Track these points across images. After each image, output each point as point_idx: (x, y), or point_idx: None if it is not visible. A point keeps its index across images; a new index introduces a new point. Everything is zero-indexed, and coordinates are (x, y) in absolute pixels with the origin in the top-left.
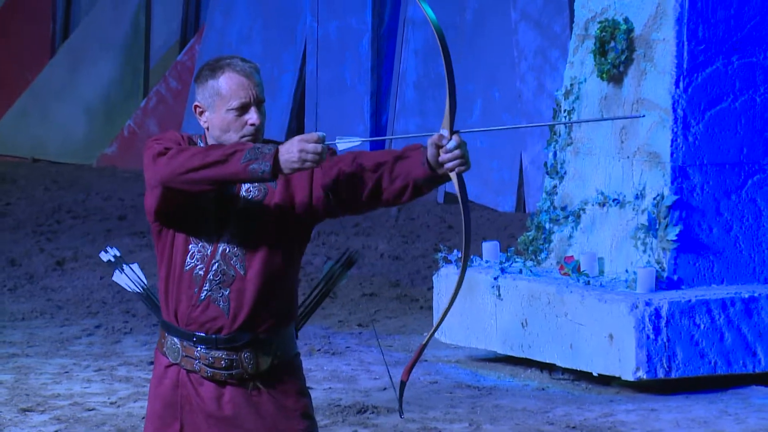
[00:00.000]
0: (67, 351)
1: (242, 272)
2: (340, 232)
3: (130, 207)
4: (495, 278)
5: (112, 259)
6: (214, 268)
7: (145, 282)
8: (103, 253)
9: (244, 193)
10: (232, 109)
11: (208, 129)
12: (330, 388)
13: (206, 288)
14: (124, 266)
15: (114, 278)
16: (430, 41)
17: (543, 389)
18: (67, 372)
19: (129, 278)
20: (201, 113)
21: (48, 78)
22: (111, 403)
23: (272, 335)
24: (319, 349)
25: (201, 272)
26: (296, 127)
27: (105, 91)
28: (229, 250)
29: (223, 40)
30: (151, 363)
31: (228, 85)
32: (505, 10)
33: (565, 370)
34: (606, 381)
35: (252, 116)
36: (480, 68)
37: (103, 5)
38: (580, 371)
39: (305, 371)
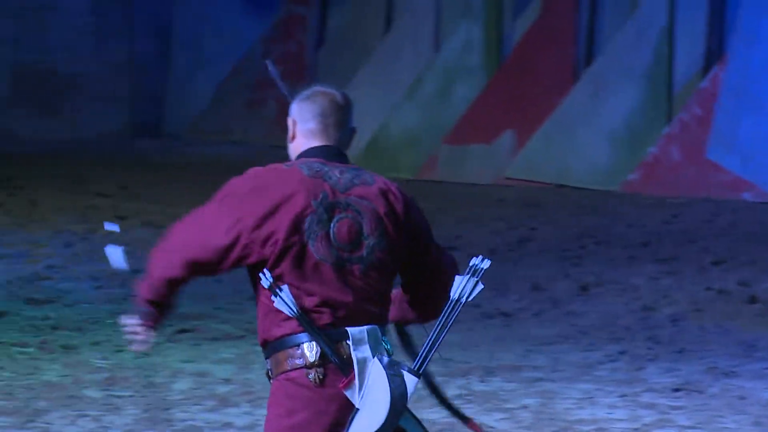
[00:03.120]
0: (591, 376)
1: None
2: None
3: (653, 234)
4: None
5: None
6: None
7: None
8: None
9: None
10: None
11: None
12: None
13: None
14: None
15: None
16: None
17: None
18: (590, 398)
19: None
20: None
21: (571, 104)
22: (634, 430)
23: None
24: None
25: None
26: None
27: (628, 117)
28: None
29: (746, 68)
30: (676, 390)
31: None
32: None
33: None
34: None
35: None
36: None
37: (626, 32)
38: None
39: None
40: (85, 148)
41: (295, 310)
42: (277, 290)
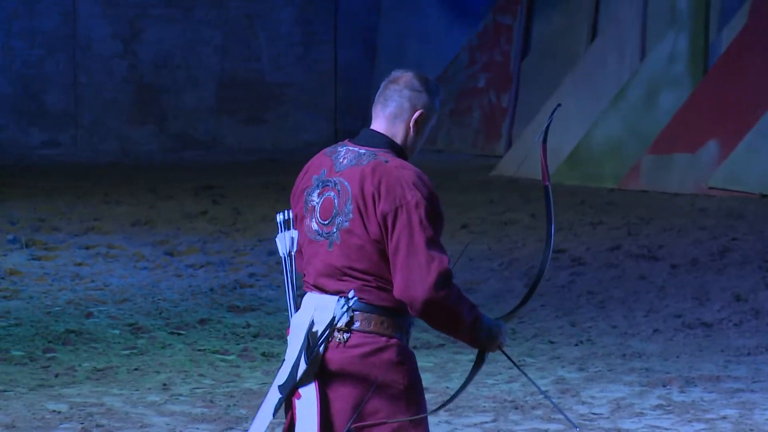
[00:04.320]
0: None
1: None
2: None
3: None
4: None
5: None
6: None
7: (294, 250)
8: (278, 214)
9: None
10: (431, 126)
11: (412, 134)
12: None
13: None
14: (287, 230)
15: (276, 239)
16: None
17: None
18: None
19: (284, 241)
20: (425, 121)
21: None
22: None
23: None
24: None
25: None
26: None
27: None
28: None
29: None
30: None
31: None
32: None
33: None
34: None
35: None
36: None
37: None
38: None
39: None
40: (288, 157)
41: (282, 251)
42: (282, 228)
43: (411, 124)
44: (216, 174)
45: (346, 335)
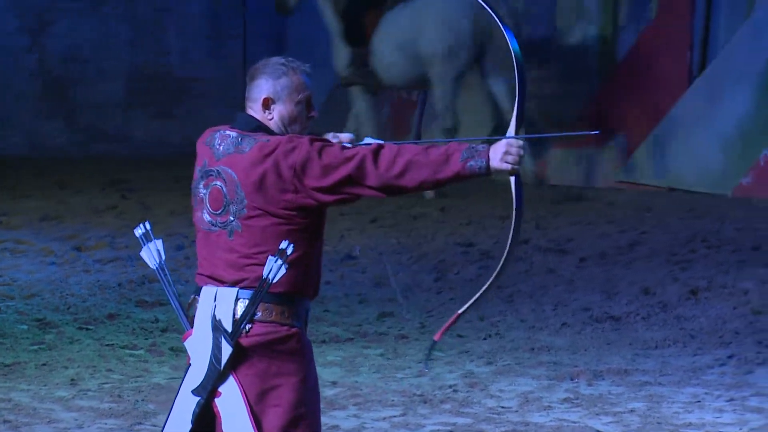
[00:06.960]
0: (699, 380)
1: None
2: None
3: (764, 237)
4: None
5: (143, 233)
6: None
7: (162, 259)
8: (136, 228)
9: None
10: (300, 102)
11: (271, 119)
12: None
13: None
14: (150, 242)
15: (141, 254)
16: None
17: None
18: (698, 401)
19: (151, 253)
20: (269, 106)
21: (685, 107)
22: None
23: None
24: None
25: None
26: None
27: (741, 121)
28: None
29: None
30: None
31: (298, 81)
32: None
33: None
34: None
35: (314, 110)
36: None
37: (741, 36)
38: None
39: None
40: None
41: (152, 265)
42: (144, 241)
43: (262, 109)
44: (125, 168)
45: (248, 326)
